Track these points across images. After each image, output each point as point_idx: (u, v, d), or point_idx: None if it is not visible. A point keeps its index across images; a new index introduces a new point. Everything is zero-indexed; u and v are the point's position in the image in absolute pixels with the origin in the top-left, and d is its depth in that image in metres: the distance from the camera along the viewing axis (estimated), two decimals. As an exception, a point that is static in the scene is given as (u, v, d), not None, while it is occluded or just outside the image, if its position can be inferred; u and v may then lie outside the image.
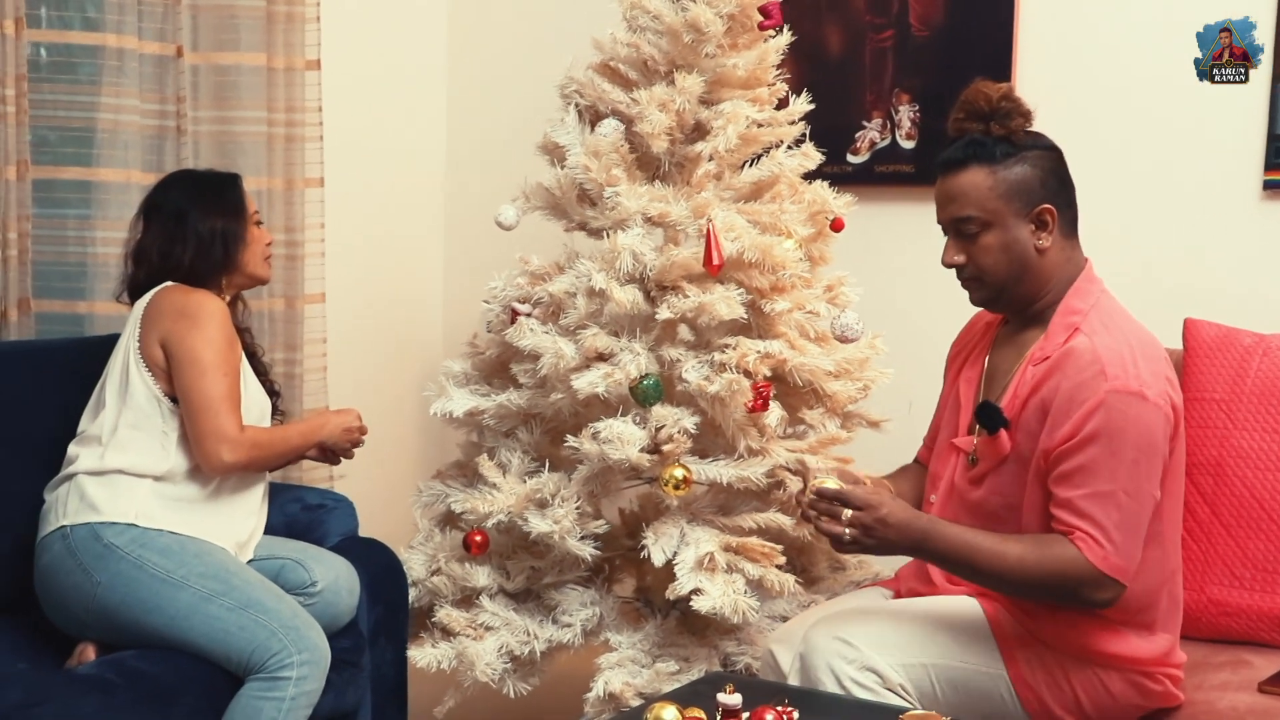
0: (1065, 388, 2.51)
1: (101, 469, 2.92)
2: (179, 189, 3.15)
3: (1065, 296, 2.61)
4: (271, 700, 2.77)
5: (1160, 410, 2.49)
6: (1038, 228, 2.59)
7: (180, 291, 3.02)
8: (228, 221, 3.10)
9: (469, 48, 4.49)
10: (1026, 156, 2.58)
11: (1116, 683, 2.58)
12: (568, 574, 3.31)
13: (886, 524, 2.51)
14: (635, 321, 3.18)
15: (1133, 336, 2.55)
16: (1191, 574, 3.02)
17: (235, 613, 2.80)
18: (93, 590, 2.83)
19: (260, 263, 3.17)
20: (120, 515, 2.88)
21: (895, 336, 3.46)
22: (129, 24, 3.51)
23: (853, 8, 3.89)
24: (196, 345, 2.94)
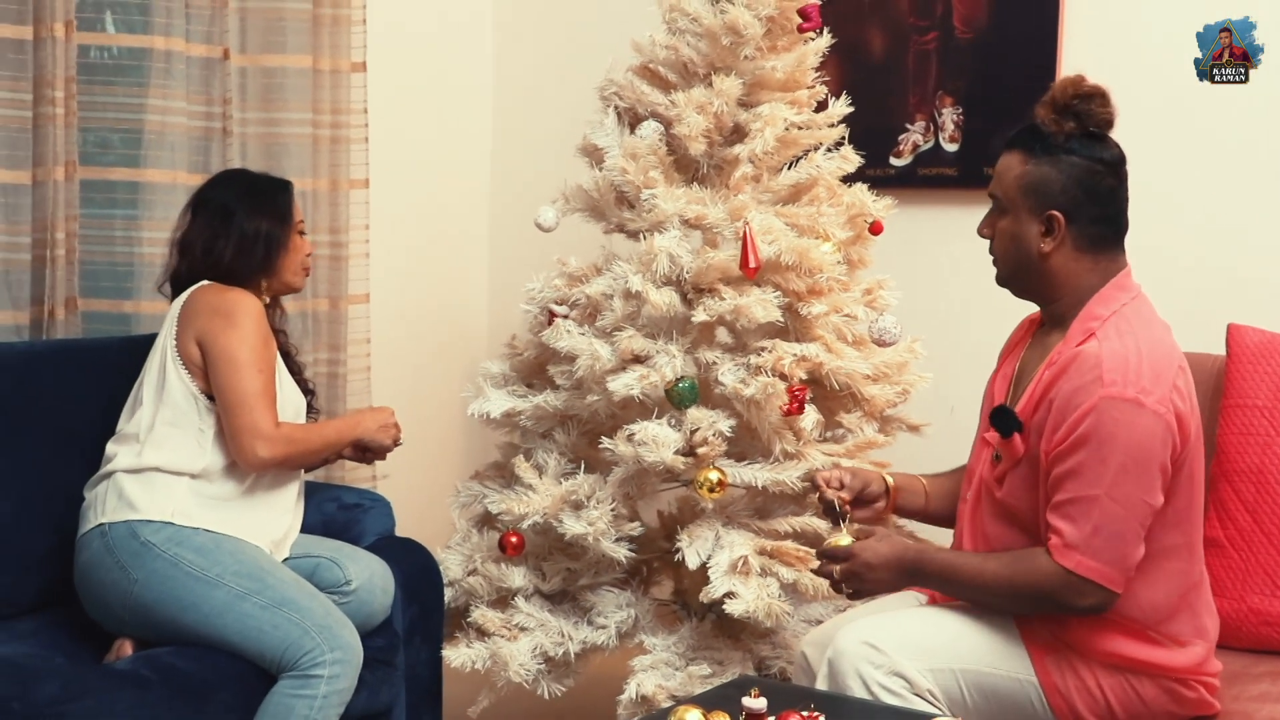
0: (1065, 391, 2.50)
1: (139, 467, 2.95)
2: (230, 186, 3.18)
3: (1089, 303, 2.58)
4: (304, 698, 2.79)
5: (1160, 419, 2.46)
6: (1045, 231, 2.57)
7: (216, 290, 3.05)
8: (272, 225, 3.12)
9: (514, 50, 4.51)
10: (1061, 160, 2.55)
11: (1149, 689, 2.56)
12: (604, 576, 3.32)
13: (871, 566, 2.60)
14: (672, 324, 3.19)
15: (1146, 344, 2.52)
16: (1232, 583, 2.99)
17: (269, 611, 2.82)
18: (129, 587, 2.87)
19: (297, 271, 3.19)
20: (157, 513, 2.91)
21: (938, 340, 3.44)
22: (177, 26, 3.55)
23: (896, 10, 3.87)
24: (232, 343, 2.96)
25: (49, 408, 3.10)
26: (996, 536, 2.64)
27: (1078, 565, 2.46)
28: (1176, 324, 3.32)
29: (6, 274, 3.32)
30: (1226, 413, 3.08)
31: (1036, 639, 2.56)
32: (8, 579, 2.98)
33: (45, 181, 3.34)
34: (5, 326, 3.33)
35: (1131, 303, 2.58)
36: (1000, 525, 2.63)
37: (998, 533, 2.64)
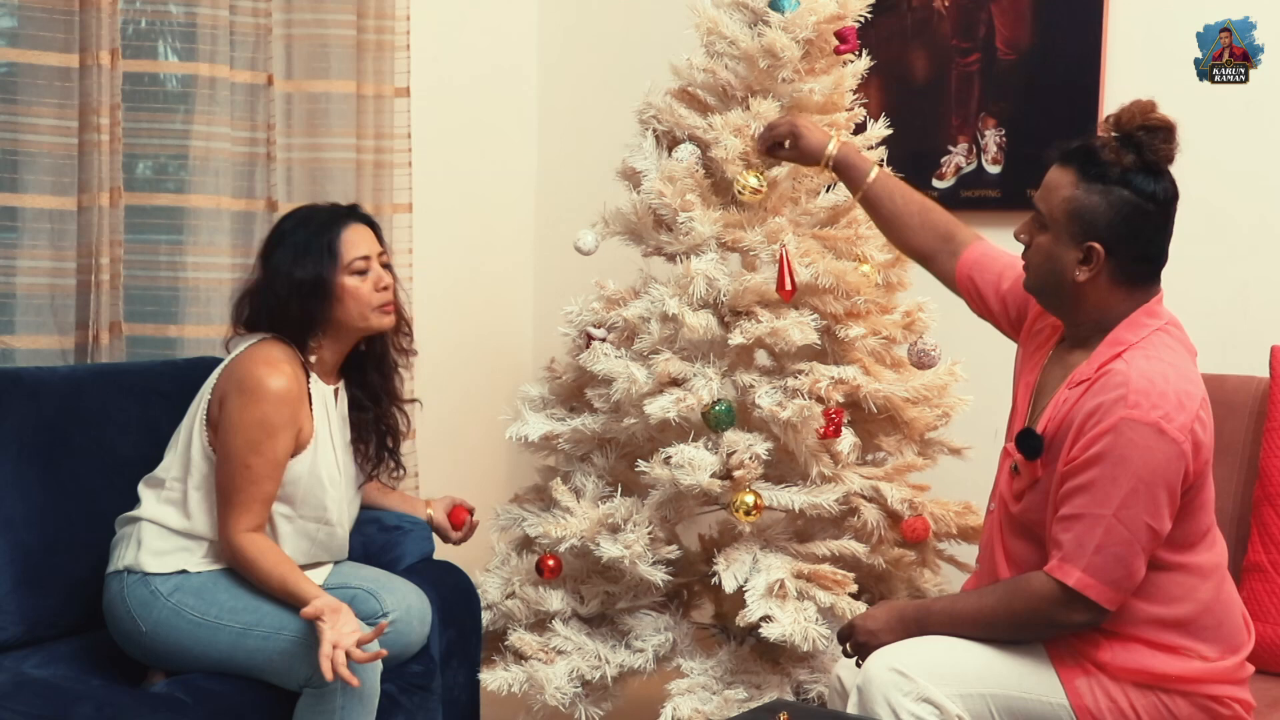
0: (1088, 406, 2.50)
1: (164, 522, 2.93)
2: (277, 230, 3.04)
3: (1115, 328, 2.56)
4: (324, 712, 2.79)
5: (1176, 445, 2.45)
6: (1083, 260, 2.54)
7: (251, 359, 2.92)
8: (307, 272, 2.93)
9: (558, 74, 4.53)
10: (1112, 191, 2.50)
11: (1183, 707, 2.54)
12: (641, 599, 3.31)
13: (873, 633, 2.66)
14: (709, 347, 3.18)
15: (1172, 371, 2.50)
16: (1275, 607, 2.95)
17: (271, 639, 2.82)
18: (140, 638, 2.89)
19: (366, 315, 2.98)
20: (172, 567, 2.91)
21: (980, 363, 3.41)
22: (221, 54, 3.59)
23: (939, 32, 3.86)
24: (233, 424, 2.86)
25: (92, 432, 3.12)
26: (1016, 551, 2.65)
27: (1078, 582, 2.46)
28: (1219, 345, 3.31)
29: (52, 299, 3.37)
30: (1270, 435, 3.05)
31: (1065, 661, 2.55)
32: (48, 602, 2.99)
33: (90, 207, 3.39)
34: (50, 351, 3.37)
35: (1159, 330, 2.56)
36: (1019, 541, 2.64)
37: (1017, 548, 2.65)
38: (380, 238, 3.09)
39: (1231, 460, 3.14)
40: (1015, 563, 2.65)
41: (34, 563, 2.97)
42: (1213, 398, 2.78)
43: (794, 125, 3.09)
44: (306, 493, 2.97)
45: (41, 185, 3.33)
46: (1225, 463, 3.11)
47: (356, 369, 3.12)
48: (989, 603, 2.60)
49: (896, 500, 3.21)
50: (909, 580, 3.36)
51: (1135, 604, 2.52)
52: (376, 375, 3.14)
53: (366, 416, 3.13)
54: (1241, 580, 3.00)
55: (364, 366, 3.13)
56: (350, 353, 3.08)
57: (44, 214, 3.34)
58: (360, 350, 3.11)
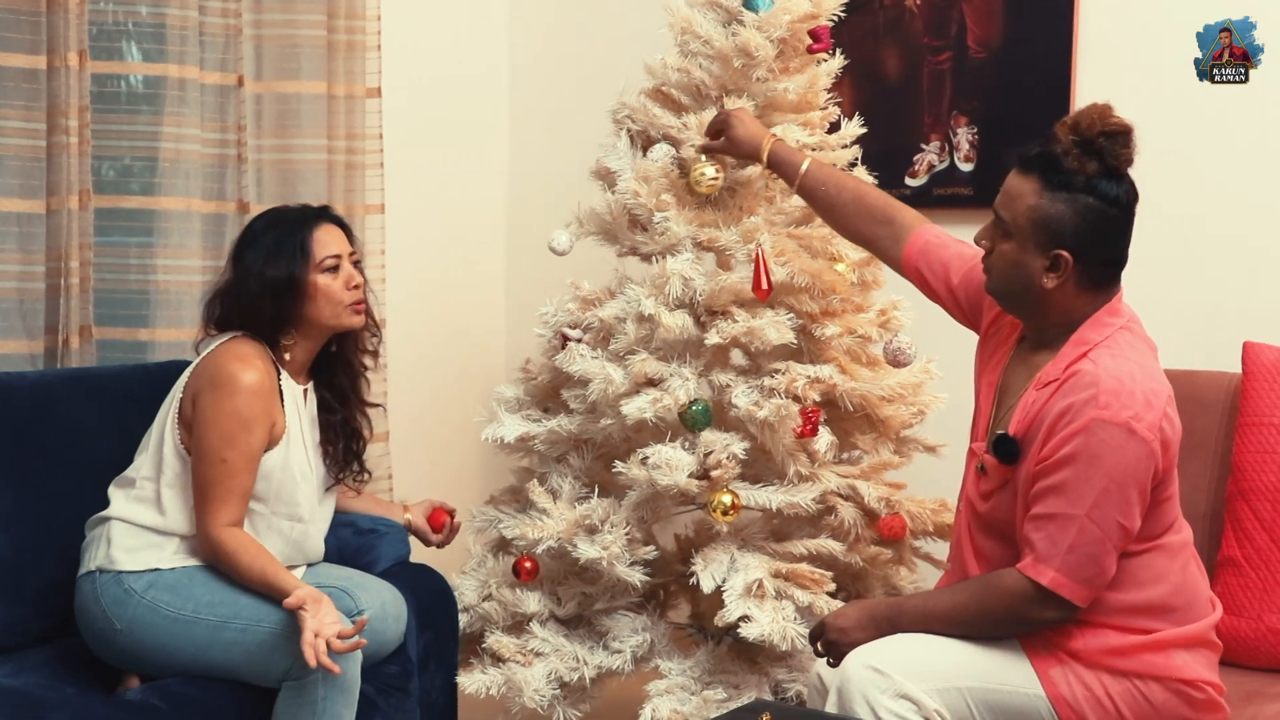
0: (1058, 406, 2.51)
1: (135, 520, 2.92)
2: (248, 231, 3.06)
3: (1080, 328, 2.59)
4: (305, 704, 2.78)
5: (1147, 445, 2.48)
6: (1050, 267, 2.55)
7: (223, 355, 2.94)
8: (279, 270, 2.95)
9: (530, 74, 4.52)
10: (1077, 199, 2.52)
11: (1157, 693, 2.56)
12: (619, 600, 3.30)
13: (844, 630, 2.67)
14: (685, 346, 3.18)
15: (1139, 370, 2.52)
16: (1250, 602, 2.97)
17: (248, 632, 2.81)
18: (114, 636, 2.87)
19: (337, 313, 3.00)
20: (144, 565, 2.89)
21: (954, 361, 3.41)
22: (191, 54, 3.56)
23: (910, 30, 3.86)
24: (207, 420, 2.87)
25: (63, 437, 3.10)
26: (985, 549, 2.67)
27: (1052, 581, 2.50)
28: (1192, 341, 3.33)
29: (21, 303, 3.34)
30: (1242, 431, 3.06)
31: (1039, 652, 2.58)
32: (20, 610, 2.97)
33: (59, 210, 3.36)
34: (20, 355, 3.33)
35: (1124, 328, 2.59)
36: (988, 539, 2.67)
37: (986, 546, 2.67)
38: (351, 238, 3.11)
39: (1204, 455, 3.15)
40: (984, 561, 2.67)
41: (5, 570, 2.94)
42: (1185, 393, 2.81)
43: (728, 117, 3.13)
44: (280, 488, 2.97)
45: (9, 188, 3.30)
46: (1198, 458, 3.13)
47: (325, 371, 3.13)
48: (962, 600, 2.62)
49: (873, 499, 3.22)
50: (885, 578, 3.36)
51: (1106, 593, 2.55)
52: (344, 377, 3.15)
53: (334, 418, 3.14)
54: (1215, 575, 3.02)
55: (332, 369, 3.14)
56: (319, 354, 3.09)
57: (12, 217, 3.31)
58: (329, 352, 3.12)
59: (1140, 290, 2.95)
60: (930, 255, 2.90)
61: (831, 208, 3.04)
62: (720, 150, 3.18)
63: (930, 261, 2.90)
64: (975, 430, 2.76)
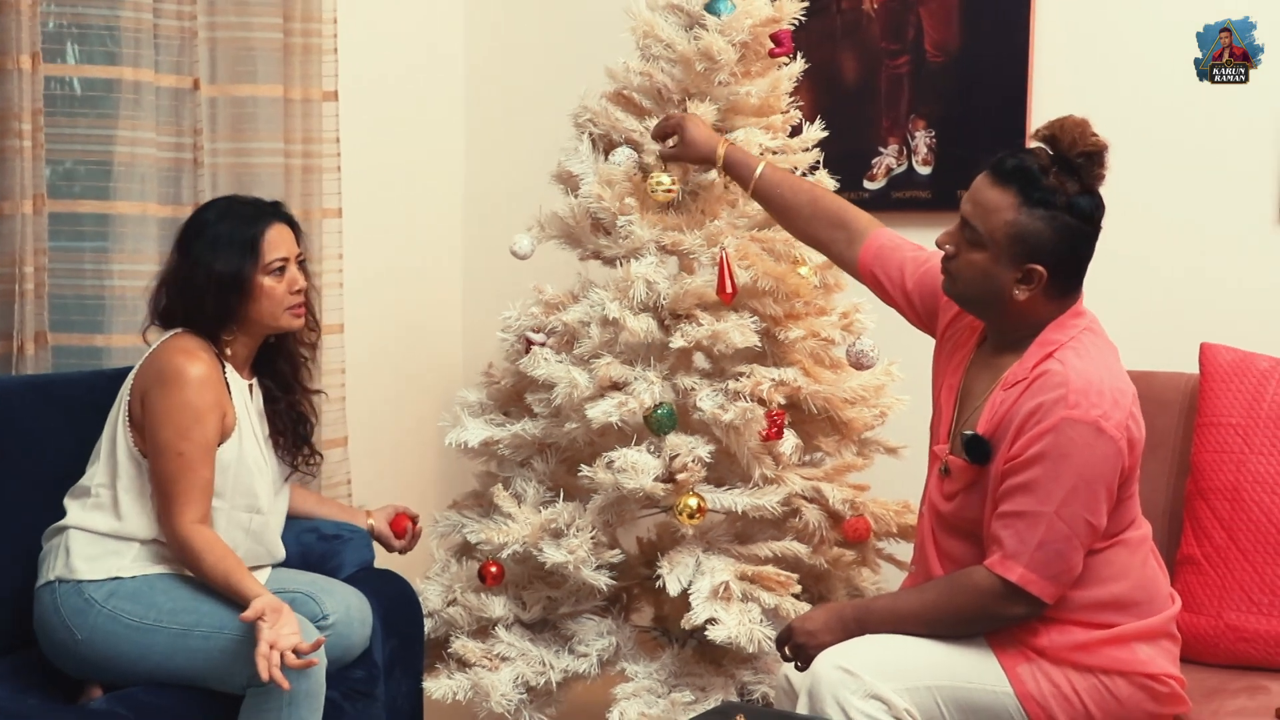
0: (1027, 406, 2.55)
1: (93, 528, 2.89)
2: (199, 218, 3.03)
3: (1044, 330, 2.62)
4: (269, 711, 2.76)
5: (1114, 444, 2.52)
6: (1022, 280, 2.58)
7: (167, 350, 2.93)
8: (228, 266, 2.93)
9: (487, 78, 4.50)
10: (1057, 217, 2.54)
11: (1123, 688, 2.59)
12: (584, 604, 3.30)
13: (811, 633, 2.68)
14: (649, 350, 3.18)
15: (1104, 369, 2.57)
16: (1209, 600, 3.00)
17: (212, 639, 2.79)
18: (75, 646, 2.84)
19: (277, 315, 2.99)
20: (104, 573, 2.87)
21: (913, 363, 3.43)
22: (145, 57, 3.51)
23: (868, 34, 3.88)
24: (159, 416, 2.85)
25: (19, 445, 3.05)
26: (949, 549, 2.70)
27: (1020, 578, 2.53)
28: (1150, 342, 3.37)
29: (-25, 309, 3.30)
30: (1200, 431, 3.10)
31: (1006, 649, 2.61)
32: (-22, 620, 2.94)
33: (13, 215, 3.31)
34: (-25, 362, 3.29)
35: (1087, 329, 2.63)
36: (952, 539, 2.70)
37: (950, 546, 2.70)
38: (299, 237, 3.10)
39: (1163, 455, 3.19)
40: (949, 561, 2.70)
41: (-39, 580, 2.91)
42: (1143, 394, 2.83)
43: (681, 121, 3.14)
44: (236, 480, 2.96)
45: (-38, 194, 3.26)
46: (1157, 458, 3.17)
47: (266, 364, 3.13)
48: (930, 598, 2.64)
49: (837, 500, 3.23)
50: (848, 580, 3.38)
51: (1071, 590, 2.58)
52: (285, 365, 3.15)
53: (280, 406, 3.14)
54: (1175, 574, 3.05)
55: (273, 360, 3.14)
56: (260, 350, 3.10)
57: (-35, 222, 3.27)
58: (269, 345, 3.11)
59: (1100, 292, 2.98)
60: (885, 259, 2.92)
61: (786, 211, 3.06)
62: (674, 156, 3.18)
63: (885, 265, 2.92)
64: (936, 433, 2.79)
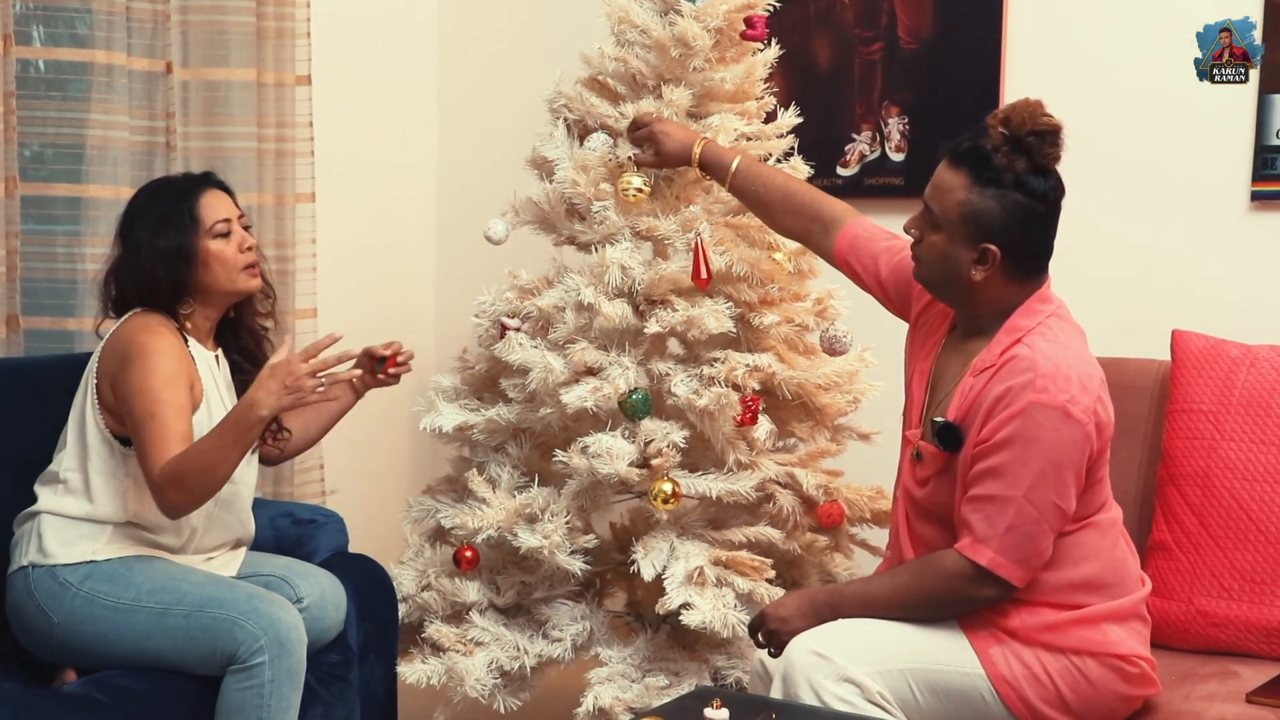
0: (995, 391, 2.57)
1: (65, 512, 2.89)
2: (133, 204, 3.01)
3: (1011, 315, 2.64)
4: (252, 689, 2.76)
5: (1082, 428, 2.54)
6: (978, 260, 2.60)
7: (127, 331, 2.91)
8: (170, 240, 2.91)
9: (460, 63, 4.49)
10: (1006, 195, 2.57)
11: (1093, 668, 2.61)
12: (558, 589, 3.31)
13: (784, 619, 2.69)
14: (624, 335, 3.19)
15: (1072, 354, 2.59)
16: (1180, 585, 3.03)
17: (192, 617, 2.79)
18: (50, 630, 2.83)
19: (232, 277, 2.96)
20: (78, 557, 2.86)
21: (887, 349, 3.45)
22: (118, 40, 3.50)
23: (841, 21, 3.89)
24: (131, 391, 2.82)
25: (-9, 427, 3.06)
26: (922, 534, 2.73)
27: (990, 562, 2.55)
28: (1121, 329, 3.39)
29: (-53, 292, 3.28)
30: (1172, 417, 3.12)
31: (978, 631, 2.63)
32: (-51, 606, 2.93)
33: (-14, 197, 3.30)
34: (-53, 346, 3.28)
35: (1054, 314, 2.65)
36: (924, 524, 2.73)
37: (923, 531, 2.73)
38: (236, 203, 3.07)
39: (1134, 442, 3.21)
40: (922, 546, 2.72)
41: (-69, 566, 2.90)
42: (1115, 380, 2.85)
43: (653, 132, 3.14)
44: None
45: (-66, 176, 3.24)
46: (1128, 444, 3.19)
47: (229, 337, 3.11)
48: (901, 582, 2.66)
49: (811, 486, 3.25)
50: (820, 565, 3.39)
51: (1041, 572, 2.60)
52: (248, 339, 3.13)
53: (248, 379, 3.07)
54: (1146, 559, 3.07)
55: (236, 334, 3.12)
56: (221, 321, 3.07)
57: (-63, 205, 3.25)
58: (229, 319, 3.09)
59: (1073, 279, 3.00)
60: (859, 248, 2.94)
61: (762, 204, 3.08)
62: (651, 164, 3.18)
63: (860, 254, 2.94)
64: (909, 418, 2.81)
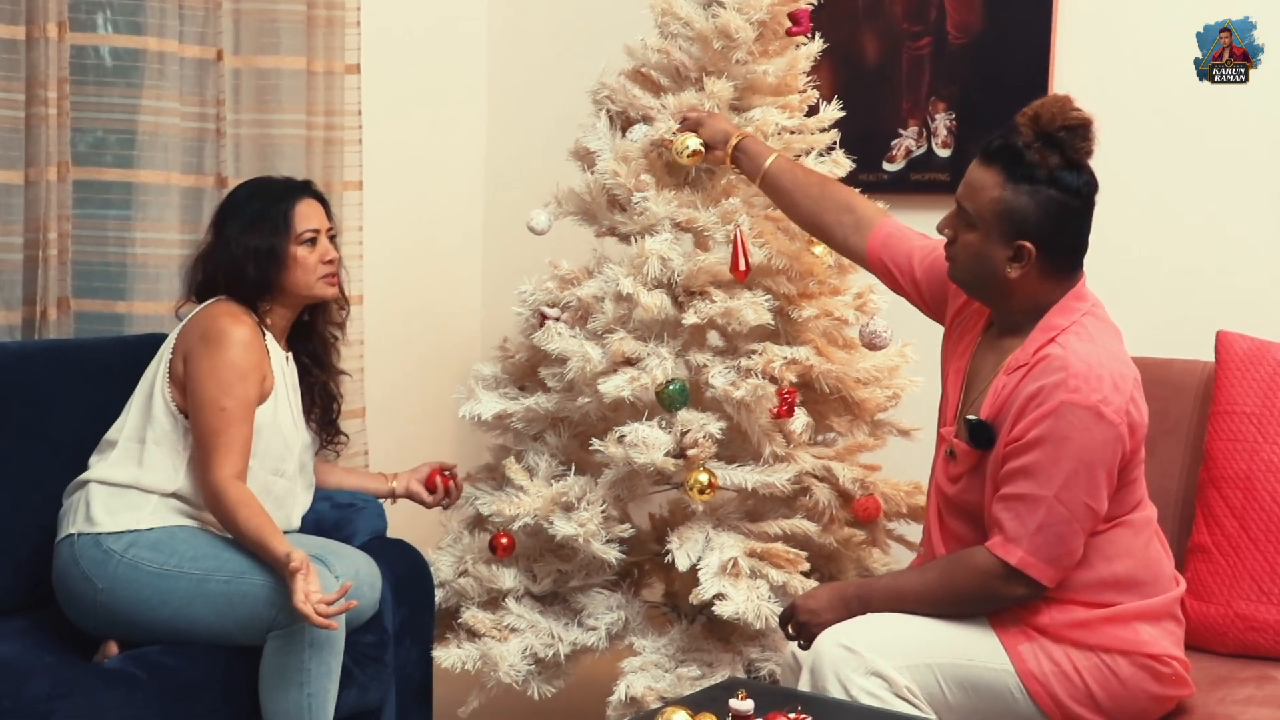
0: (1028, 390, 2.56)
1: (113, 480, 2.95)
2: (232, 199, 3.15)
3: (1047, 314, 2.63)
4: (294, 653, 2.81)
5: (1114, 428, 2.53)
6: (1013, 257, 2.59)
7: (211, 313, 3.02)
8: (262, 240, 3.05)
9: (509, 53, 4.51)
10: (1040, 191, 2.56)
11: (1125, 668, 2.60)
12: (594, 578, 3.32)
13: (814, 611, 2.70)
14: (663, 326, 3.19)
15: (1106, 354, 2.57)
16: (1219, 588, 3.00)
17: (233, 583, 2.84)
18: (95, 597, 2.88)
19: (311, 284, 3.09)
20: (123, 526, 2.91)
21: (927, 344, 3.44)
22: (170, 28, 3.56)
23: (890, 15, 3.88)
24: (203, 373, 2.93)
25: (40, 408, 3.11)
26: (953, 531, 2.72)
27: (1020, 561, 2.54)
28: (1165, 329, 3.36)
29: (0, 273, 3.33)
30: (1215, 419, 3.09)
31: (1008, 627, 2.62)
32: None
33: (38, 181, 3.35)
34: (-2, 326, 3.34)
35: (1089, 313, 2.63)
36: (956, 521, 2.72)
37: (954, 527, 2.72)
38: (329, 214, 3.19)
39: (1176, 443, 3.18)
40: (953, 543, 2.71)
41: (-18, 540, 2.96)
42: (1159, 380, 2.84)
43: (701, 118, 3.16)
44: (269, 444, 3.03)
45: (-12, 159, 3.29)
46: (1170, 445, 3.16)
47: (302, 339, 3.22)
48: (931, 578, 2.66)
49: (848, 480, 3.24)
50: (858, 560, 3.38)
51: (1074, 570, 2.59)
52: (318, 345, 3.24)
53: (314, 382, 3.24)
54: (1185, 561, 3.05)
55: (309, 338, 3.23)
56: (295, 323, 3.19)
57: (-9, 188, 3.31)
58: (303, 321, 3.20)
59: (1117, 280, 2.98)
60: (893, 247, 2.94)
61: (793, 201, 3.08)
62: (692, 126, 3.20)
63: (893, 253, 2.94)
64: (943, 415, 2.80)
